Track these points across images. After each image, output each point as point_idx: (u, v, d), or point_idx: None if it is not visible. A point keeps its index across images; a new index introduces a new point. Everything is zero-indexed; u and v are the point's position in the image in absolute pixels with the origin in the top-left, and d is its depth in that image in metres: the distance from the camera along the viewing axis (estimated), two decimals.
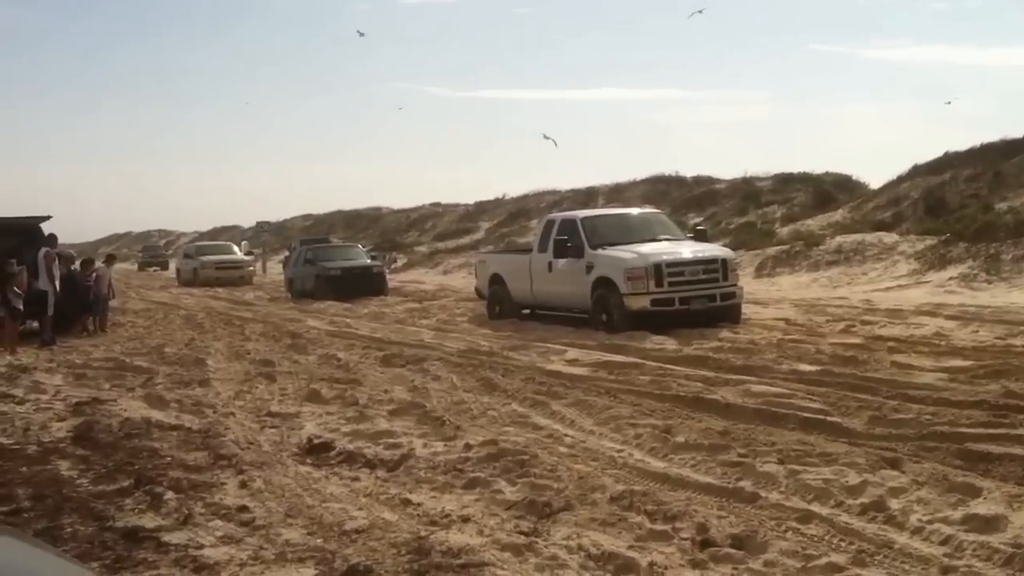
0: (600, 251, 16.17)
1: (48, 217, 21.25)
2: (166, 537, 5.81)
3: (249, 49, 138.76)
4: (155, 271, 59.97)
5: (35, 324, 18.01)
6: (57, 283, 17.94)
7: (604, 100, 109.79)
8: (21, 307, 16.68)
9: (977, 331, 13.60)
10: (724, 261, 15.91)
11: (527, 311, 18.42)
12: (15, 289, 16.59)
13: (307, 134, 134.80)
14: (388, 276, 31.15)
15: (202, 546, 5.65)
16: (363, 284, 27.41)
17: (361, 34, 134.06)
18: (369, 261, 30.42)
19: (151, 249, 72.71)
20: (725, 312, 15.51)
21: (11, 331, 16.49)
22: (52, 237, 20.22)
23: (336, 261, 28.85)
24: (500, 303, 18.98)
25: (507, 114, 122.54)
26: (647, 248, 15.95)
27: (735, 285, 15.92)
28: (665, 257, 15.52)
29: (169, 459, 7.90)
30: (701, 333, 14.31)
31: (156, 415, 9.87)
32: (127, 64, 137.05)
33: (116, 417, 9.79)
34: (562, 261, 16.85)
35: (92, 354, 15.58)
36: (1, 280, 16.41)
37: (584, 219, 17.43)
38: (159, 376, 12.69)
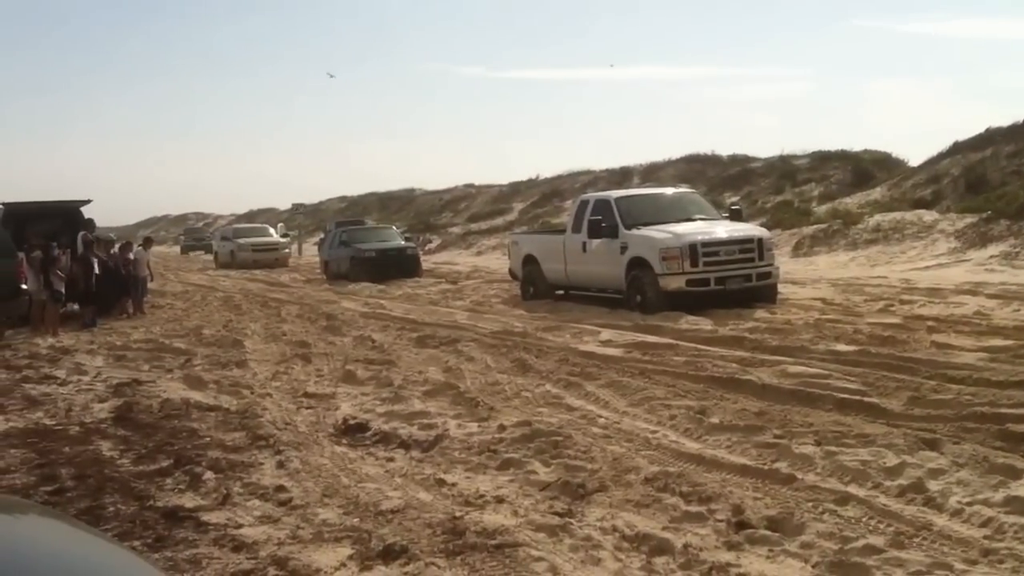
0: (634, 231, 16.08)
1: (88, 201, 21.56)
2: (205, 516, 5.89)
3: (284, 32, 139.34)
4: (199, 255, 57.32)
5: (76, 306, 18.26)
6: (96, 266, 18.18)
7: (639, 79, 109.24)
8: (63, 290, 16.93)
9: (1019, 310, 13.39)
10: (760, 240, 15.76)
11: (560, 292, 18.40)
12: (57, 272, 16.84)
13: (341, 117, 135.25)
14: (422, 257, 31.19)
15: (240, 525, 5.72)
16: (398, 266, 27.47)
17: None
18: (403, 243, 30.44)
19: (194, 232, 71.50)
20: (761, 292, 15.39)
21: (53, 314, 16.75)
22: (90, 222, 20.49)
23: (371, 243, 28.88)
24: (534, 284, 18.96)
25: (541, 94, 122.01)
26: (682, 228, 15.84)
27: (771, 265, 15.77)
28: (700, 237, 15.40)
29: (208, 439, 7.99)
30: (737, 313, 14.21)
31: (195, 396, 9.98)
32: (165, 48, 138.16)
33: (156, 398, 9.93)
34: (596, 241, 16.77)
35: (132, 336, 15.77)
36: (44, 263, 16.66)
37: (618, 199, 17.32)
38: (197, 357, 12.83)
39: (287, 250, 41.18)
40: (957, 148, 32.85)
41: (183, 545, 5.42)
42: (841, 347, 10.87)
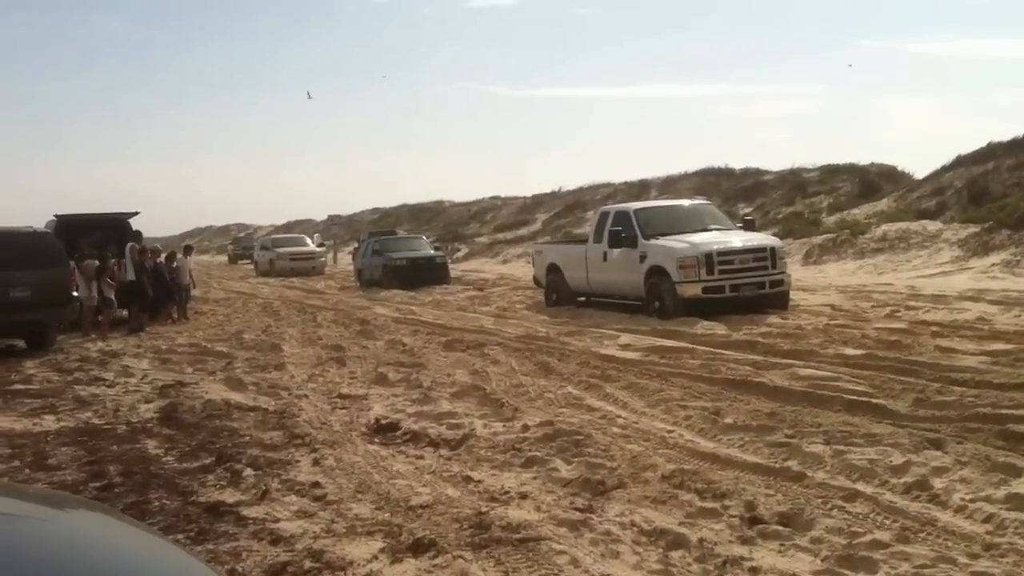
0: (653, 241, 16.08)
1: (136, 213, 21.74)
2: (245, 511, 5.92)
3: (319, 50, 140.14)
4: (246, 263, 52.54)
5: (124, 312, 18.41)
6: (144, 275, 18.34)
7: (657, 96, 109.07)
8: (113, 297, 17.09)
9: (1019, 315, 13.26)
10: (773, 250, 15.74)
11: (582, 299, 18.39)
12: (108, 280, 17.00)
13: (374, 132, 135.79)
14: (450, 266, 31.23)
15: (278, 520, 5.74)
16: (427, 273, 27.51)
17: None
18: (433, 252, 30.49)
19: (242, 241, 67.68)
20: (774, 299, 15.34)
21: (106, 319, 16.92)
22: (138, 233, 20.67)
23: (402, 252, 28.94)
24: (557, 291, 18.97)
25: (563, 111, 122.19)
26: (698, 238, 15.82)
27: (783, 273, 15.73)
28: (716, 246, 15.39)
29: (247, 438, 8.03)
30: (750, 319, 14.15)
31: (235, 397, 10.04)
32: (208, 66, 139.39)
33: (198, 399, 9.99)
34: (616, 251, 16.80)
35: (176, 340, 15.89)
36: (97, 271, 16.84)
37: (637, 210, 17.34)
38: (238, 361, 12.90)
39: (323, 259, 41.33)
40: (960, 161, 32.54)
41: (224, 538, 5.45)
42: (849, 351, 10.80)
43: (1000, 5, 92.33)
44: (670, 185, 46.29)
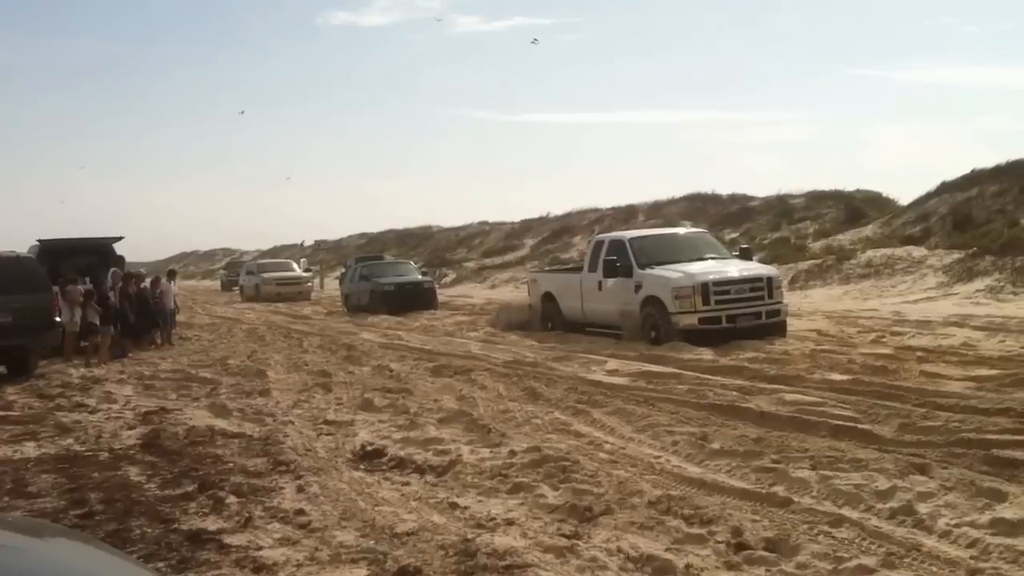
0: (648, 270, 15.98)
1: (120, 238, 21.69)
2: (227, 539, 5.87)
3: (307, 74, 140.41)
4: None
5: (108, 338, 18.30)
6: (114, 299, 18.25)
7: (644, 122, 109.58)
8: (98, 322, 17.01)
9: (1003, 341, 13.35)
10: (769, 279, 15.63)
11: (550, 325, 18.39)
12: (94, 305, 16.94)
13: (363, 157, 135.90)
14: (438, 291, 31.17)
15: (261, 547, 5.70)
16: (415, 299, 27.40)
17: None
18: (420, 277, 30.39)
19: (235, 266, 62.05)
20: (770, 329, 15.13)
21: (102, 344, 16.85)
22: (120, 258, 20.61)
23: (389, 277, 28.86)
24: (552, 320, 18.91)
25: (551, 137, 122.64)
26: (694, 267, 15.74)
27: (780, 302, 15.61)
28: (712, 276, 15.28)
29: (231, 465, 7.98)
30: (737, 344, 14.15)
31: (219, 423, 9.98)
32: (191, 88, 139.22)
33: (182, 425, 9.92)
34: (612, 280, 16.66)
35: (160, 366, 15.81)
36: (85, 297, 16.78)
37: (632, 239, 17.23)
38: (223, 387, 12.83)
39: (310, 284, 41.25)
40: (944, 188, 32.86)
41: (206, 566, 5.40)
42: (835, 376, 10.83)
43: (983, 35, 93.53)
44: (658, 210, 46.52)
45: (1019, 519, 5.28)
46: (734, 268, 15.97)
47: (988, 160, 41.71)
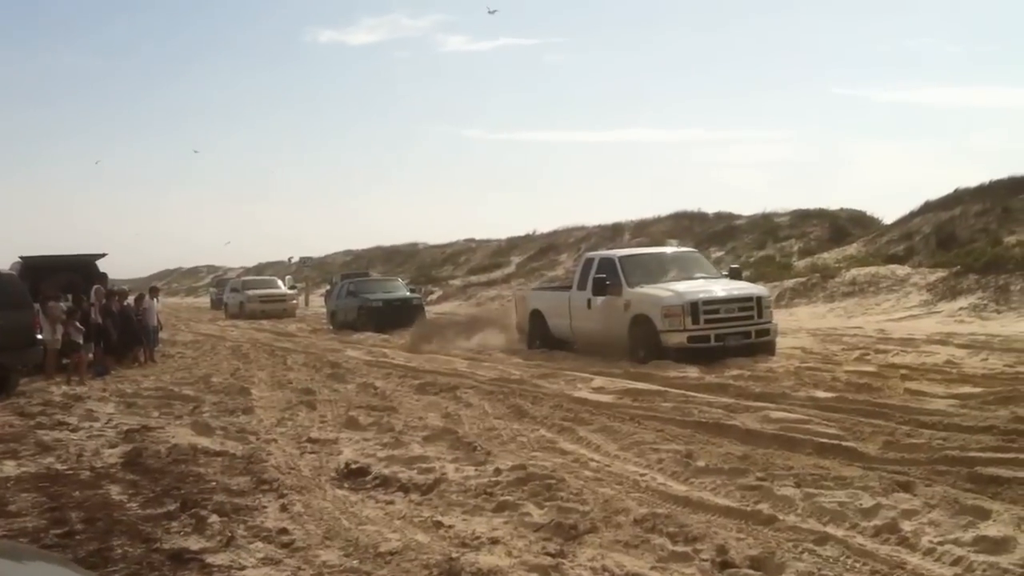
0: (637, 289, 16.00)
1: (103, 255, 21.61)
2: (210, 559, 5.83)
3: (293, 91, 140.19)
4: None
5: (90, 355, 18.19)
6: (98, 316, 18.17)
7: (629, 141, 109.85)
8: (82, 341, 16.93)
9: (987, 359, 13.44)
10: (759, 299, 15.67)
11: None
12: (76, 324, 16.85)
13: (348, 174, 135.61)
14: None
15: (244, 567, 5.66)
16: (403, 316, 27.08)
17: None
18: (409, 293, 30.18)
19: (225, 284, 55.68)
20: (760, 348, 15.16)
21: (80, 361, 16.75)
22: (103, 275, 20.52)
23: (377, 293, 28.75)
24: (540, 338, 18.88)
25: (537, 155, 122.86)
26: (683, 286, 15.75)
27: (769, 322, 15.61)
28: (701, 295, 15.29)
29: (214, 484, 7.93)
30: (722, 362, 14.20)
31: (202, 442, 9.92)
32: (174, 105, 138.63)
33: (164, 444, 9.86)
34: (601, 298, 16.64)
35: (142, 384, 15.72)
36: (67, 314, 16.70)
37: (622, 258, 17.25)
38: (205, 405, 12.77)
39: (294, 301, 41.14)
40: (928, 207, 33.10)
41: None
42: (820, 394, 10.88)
43: (967, 55, 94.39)
44: (644, 228, 46.63)
45: (1003, 537, 5.31)
46: (723, 287, 16.02)
47: (971, 179, 42.13)
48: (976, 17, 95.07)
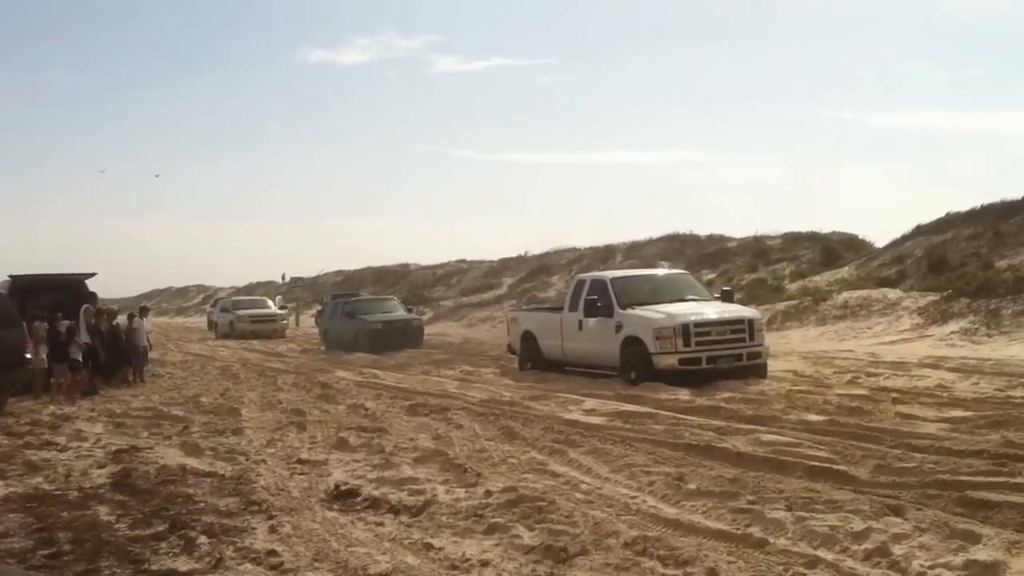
0: (629, 311, 16.03)
1: (93, 274, 21.54)
2: None
3: (283, 109, 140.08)
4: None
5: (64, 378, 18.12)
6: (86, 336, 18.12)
7: (622, 163, 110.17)
8: (80, 359, 16.90)
9: (978, 383, 13.50)
10: (751, 321, 15.72)
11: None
12: (76, 341, 16.83)
13: (339, 194, 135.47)
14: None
15: None
16: (403, 337, 26.90)
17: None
18: (408, 314, 29.74)
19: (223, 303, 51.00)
20: (751, 371, 15.19)
21: (71, 382, 16.69)
22: (92, 294, 20.48)
23: (376, 314, 28.31)
24: (531, 359, 18.89)
25: (528, 176, 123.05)
26: (675, 308, 15.79)
27: (761, 345, 15.66)
28: (692, 317, 15.35)
29: (203, 504, 7.91)
30: (714, 384, 14.23)
31: (191, 462, 9.89)
32: (164, 123, 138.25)
33: (153, 464, 9.83)
34: (592, 320, 16.71)
35: (131, 404, 15.66)
36: (68, 334, 16.68)
37: (614, 279, 17.30)
38: (195, 425, 12.74)
39: (285, 321, 41.05)
40: (920, 231, 33.29)
41: None
42: (811, 417, 10.91)
43: (957, 80, 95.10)
44: (635, 250, 46.72)
45: (993, 561, 5.33)
46: (715, 310, 16.06)
47: (960, 203, 42.38)
48: (964, 42, 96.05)
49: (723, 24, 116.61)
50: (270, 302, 43.65)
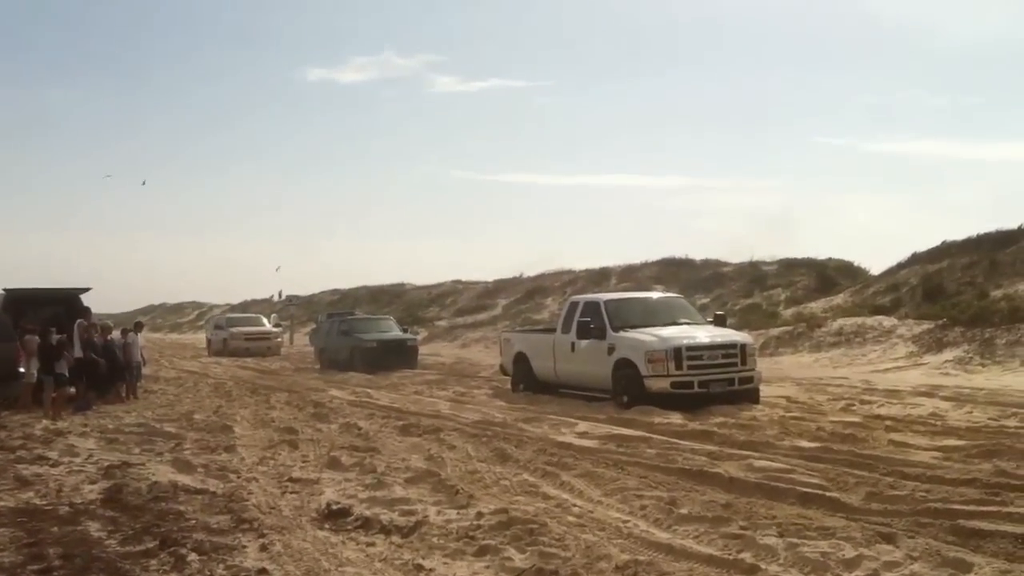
0: (622, 333, 16.05)
1: (88, 289, 21.52)
2: None
3: (280, 128, 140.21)
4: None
5: (71, 390, 18.09)
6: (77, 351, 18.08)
7: (618, 185, 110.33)
8: (67, 373, 16.85)
9: (971, 412, 13.53)
10: (743, 346, 15.74)
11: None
12: (66, 355, 16.79)
13: (335, 213, 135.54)
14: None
15: None
16: (398, 356, 26.90)
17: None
18: (403, 334, 29.72)
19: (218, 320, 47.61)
20: (743, 395, 15.18)
21: (58, 396, 16.64)
22: (86, 309, 20.46)
23: (371, 333, 28.33)
24: (524, 380, 18.90)
25: (525, 197, 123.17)
26: (667, 332, 15.81)
27: (753, 369, 15.67)
28: (685, 341, 15.35)
29: (193, 522, 7.89)
30: (707, 409, 14.23)
31: (183, 479, 9.87)
32: (159, 140, 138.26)
33: (145, 480, 9.81)
34: (585, 342, 16.70)
35: (124, 419, 15.62)
36: (58, 347, 16.64)
37: (607, 302, 17.30)
38: (187, 442, 12.71)
39: (279, 339, 41.00)
40: (915, 259, 33.39)
41: None
42: (804, 443, 10.93)
43: (953, 108, 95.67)
44: (631, 274, 46.78)
45: None
46: (707, 334, 16.05)
47: (955, 231, 42.49)
48: (961, 70, 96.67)
49: (721, 49, 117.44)
50: (264, 320, 43.59)
